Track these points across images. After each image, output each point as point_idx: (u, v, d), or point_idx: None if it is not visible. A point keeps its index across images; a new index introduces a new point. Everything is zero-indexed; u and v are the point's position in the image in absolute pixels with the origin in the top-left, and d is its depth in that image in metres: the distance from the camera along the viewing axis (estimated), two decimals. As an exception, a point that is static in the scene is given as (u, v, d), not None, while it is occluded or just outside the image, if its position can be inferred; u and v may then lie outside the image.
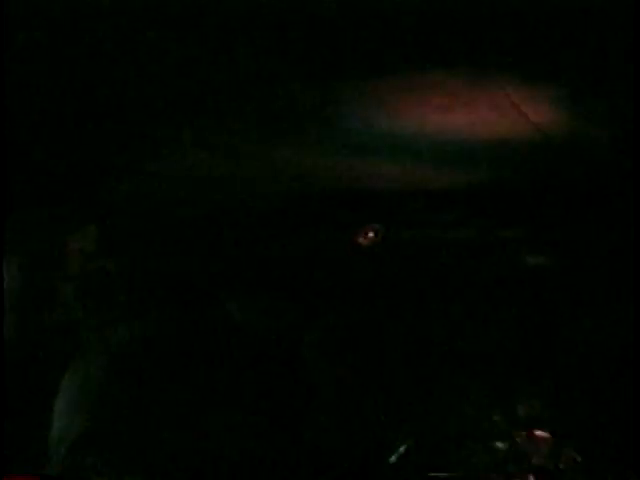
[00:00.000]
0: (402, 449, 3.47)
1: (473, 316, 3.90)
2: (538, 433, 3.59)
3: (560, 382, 3.68)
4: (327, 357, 3.52)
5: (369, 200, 3.94)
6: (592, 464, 3.48)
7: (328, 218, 4.06)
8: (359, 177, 3.82)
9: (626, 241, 3.30)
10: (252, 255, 4.19)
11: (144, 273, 4.04)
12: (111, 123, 3.29)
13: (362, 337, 3.91)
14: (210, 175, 3.90)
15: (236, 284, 3.99)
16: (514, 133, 2.92)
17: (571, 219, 3.60)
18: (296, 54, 2.68)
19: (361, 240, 3.88)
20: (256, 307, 3.66)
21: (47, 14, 2.49)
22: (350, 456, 3.28)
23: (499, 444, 3.62)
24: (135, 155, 3.72)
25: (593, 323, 3.66)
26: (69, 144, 3.53)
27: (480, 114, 2.79)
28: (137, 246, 4.16)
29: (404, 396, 3.79)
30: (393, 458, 3.48)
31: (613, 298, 3.57)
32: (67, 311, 4.31)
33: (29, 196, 4.18)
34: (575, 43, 2.35)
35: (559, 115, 2.78)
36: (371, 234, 3.93)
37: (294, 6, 2.41)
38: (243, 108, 3.14)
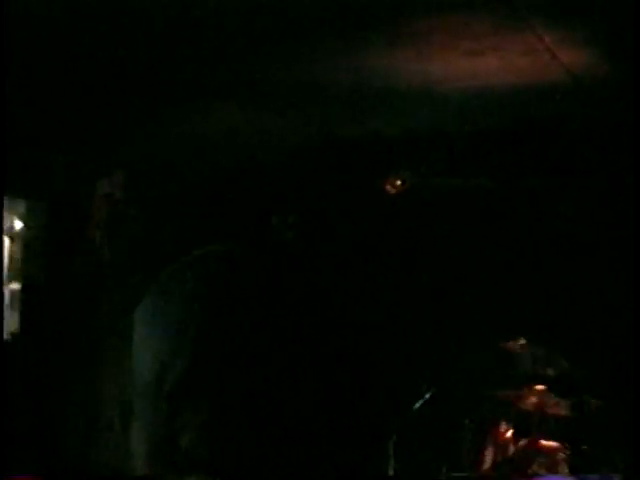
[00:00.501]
0: (427, 395, 3.48)
1: (495, 264, 3.87)
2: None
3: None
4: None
5: (396, 147, 3.90)
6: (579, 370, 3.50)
7: (356, 166, 4.03)
8: (385, 124, 3.78)
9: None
10: (279, 204, 4.18)
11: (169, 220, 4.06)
12: (141, 72, 3.28)
13: (383, 286, 3.91)
14: (236, 126, 3.88)
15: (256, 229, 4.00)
16: (545, 77, 2.85)
17: (599, 166, 3.53)
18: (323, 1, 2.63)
19: (389, 188, 3.85)
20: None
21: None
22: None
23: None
24: (164, 103, 3.71)
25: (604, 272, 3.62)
26: (100, 90, 3.53)
27: (509, 58, 2.73)
28: (164, 193, 4.17)
29: (425, 346, 3.80)
30: (419, 405, 3.50)
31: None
32: (94, 255, 4.34)
33: (57, 140, 4.19)
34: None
35: (592, 58, 2.71)
36: (399, 182, 3.89)
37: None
38: (264, 58, 3.11)
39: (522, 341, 3.65)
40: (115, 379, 4.06)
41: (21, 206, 5.05)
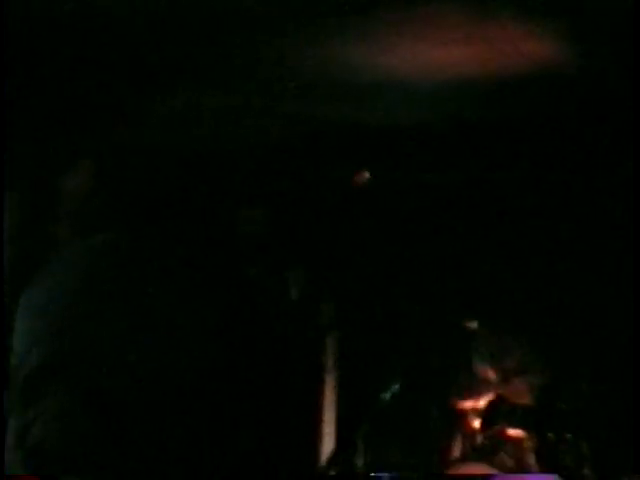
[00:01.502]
0: (396, 387, 3.51)
1: (464, 256, 3.91)
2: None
3: (548, 324, 3.70)
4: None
5: (364, 140, 3.91)
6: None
7: (324, 159, 4.04)
8: (354, 116, 3.79)
9: (626, 180, 3.28)
10: (246, 196, 4.18)
11: (142, 210, 4.03)
12: (108, 57, 3.26)
13: (358, 278, 3.92)
14: (208, 112, 3.87)
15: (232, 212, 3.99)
16: (510, 69, 2.88)
17: (567, 158, 3.58)
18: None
19: (356, 180, 3.87)
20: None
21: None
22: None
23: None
24: (132, 89, 3.68)
25: (590, 269, 3.67)
26: (67, 77, 3.49)
27: (476, 49, 2.75)
28: (134, 184, 4.15)
29: (397, 335, 3.82)
30: (387, 396, 3.52)
31: (612, 240, 3.57)
32: (64, 249, 4.30)
33: (27, 131, 4.15)
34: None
35: (557, 50, 2.74)
36: (366, 174, 3.91)
37: None
38: (244, 47, 3.11)
39: (476, 326, 3.68)
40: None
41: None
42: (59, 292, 0.88)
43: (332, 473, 3.31)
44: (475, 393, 3.67)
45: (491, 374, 3.62)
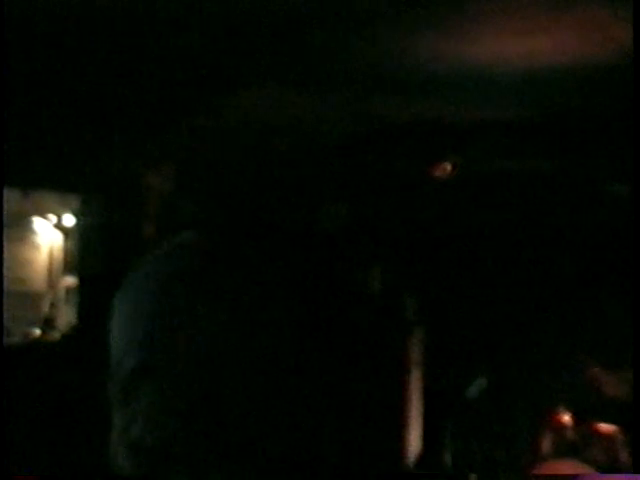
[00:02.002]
0: (483, 382, 3.46)
1: (550, 248, 3.82)
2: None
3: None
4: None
5: (446, 132, 3.86)
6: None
7: (406, 153, 4.00)
8: (435, 108, 3.75)
9: None
10: (326, 193, 4.17)
11: (224, 209, 4.08)
12: (191, 55, 3.30)
13: (433, 275, 3.88)
14: (284, 112, 3.88)
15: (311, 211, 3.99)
16: (599, 57, 2.80)
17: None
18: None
19: (437, 173, 3.82)
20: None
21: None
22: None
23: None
24: (213, 86, 3.72)
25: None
26: (147, 79, 3.55)
27: (563, 37, 2.68)
28: (216, 183, 4.19)
29: (483, 329, 3.76)
30: (474, 392, 3.47)
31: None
32: (146, 249, 4.39)
33: (108, 134, 4.24)
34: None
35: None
36: (448, 166, 3.86)
37: None
38: (313, 45, 3.11)
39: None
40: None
41: (75, 201, 5.13)
42: (149, 297, 0.90)
43: (418, 471, 3.29)
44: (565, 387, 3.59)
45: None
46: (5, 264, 6.04)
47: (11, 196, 5.18)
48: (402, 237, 3.95)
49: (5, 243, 5.78)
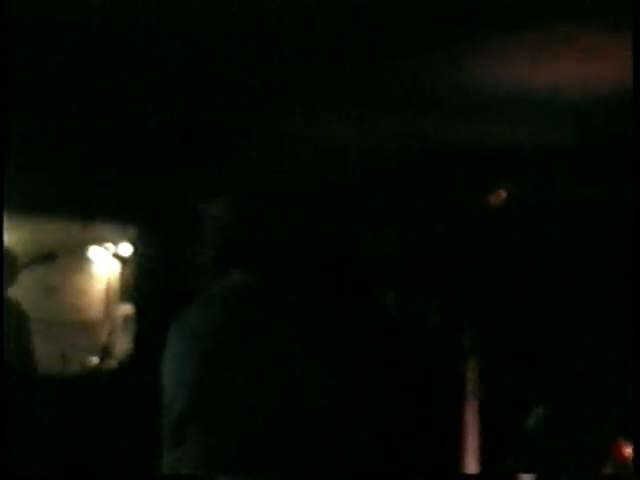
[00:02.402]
0: (541, 413, 3.40)
1: (608, 276, 3.76)
2: None
3: None
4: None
5: (500, 159, 3.85)
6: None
7: (459, 178, 3.99)
8: (492, 134, 3.74)
9: None
10: (374, 218, 4.18)
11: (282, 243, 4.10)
12: (246, 87, 3.35)
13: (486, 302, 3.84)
14: (340, 140, 3.91)
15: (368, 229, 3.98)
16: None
17: None
18: (425, 14, 2.63)
19: (492, 200, 3.80)
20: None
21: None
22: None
23: None
24: (270, 118, 3.76)
25: None
26: (205, 107, 3.61)
27: (614, 68, 2.66)
28: (274, 216, 4.22)
29: (541, 358, 3.71)
30: (531, 422, 3.42)
31: None
32: (202, 280, 4.43)
33: (166, 164, 4.31)
34: None
35: None
36: (503, 194, 3.84)
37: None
38: (370, 72, 3.13)
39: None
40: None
41: (132, 231, 5.22)
42: (200, 338, 0.91)
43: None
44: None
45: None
46: (63, 292, 6.17)
47: (70, 227, 5.30)
48: (455, 264, 3.93)
49: (64, 272, 5.90)
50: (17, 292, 3.54)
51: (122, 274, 6.01)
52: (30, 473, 3.03)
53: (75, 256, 5.71)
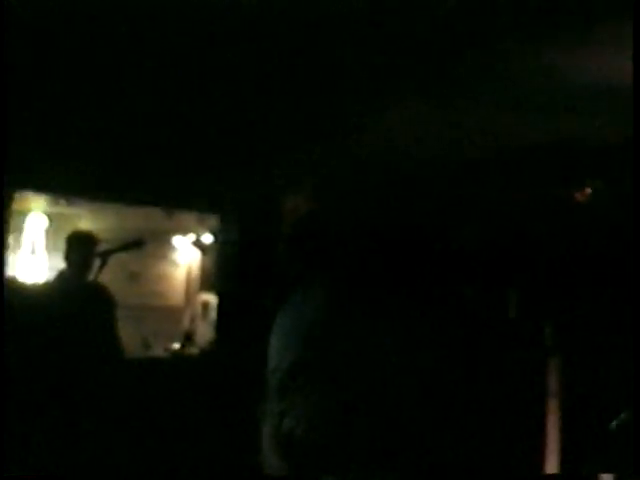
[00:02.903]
0: (625, 416, 3.33)
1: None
2: None
3: None
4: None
5: (586, 155, 3.78)
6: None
7: (543, 174, 3.94)
8: (575, 130, 3.68)
9: None
10: (463, 211, 4.15)
11: (360, 232, 4.12)
12: (333, 82, 3.37)
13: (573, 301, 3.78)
14: (422, 132, 3.89)
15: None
16: None
17: None
18: (506, 15, 2.62)
19: (578, 196, 3.74)
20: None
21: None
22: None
23: None
24: (350, 110, 3.78)
25: None
26: (285, 102, 3.64)
27: None
28: (352, 206, 4.25)
29: (625, 357, 3.63)
30: (613, 425, 3.35)
31: None
32: (283, 268, 4.49)
33: (247, 155, 4.38)
34: None
35: None
36: (588, 190, 3.78)
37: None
38: (450, 67, 3.12)
39: None
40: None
41: (213, 221, 5.32)
42: (304, 319, 0.98)
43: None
44: None
45: None
46: (146, 279, 6.32)
47: (155, 215, 5.42)
48: (540, 260, 3.88)
49: (146, 259, 6.03)
50: (104, 277, 3.63)
51: (203, 262, 6.12)
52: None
53: (158, 244, 5.83)
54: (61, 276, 3.77)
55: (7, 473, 2.73)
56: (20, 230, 5.87)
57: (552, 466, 3.21)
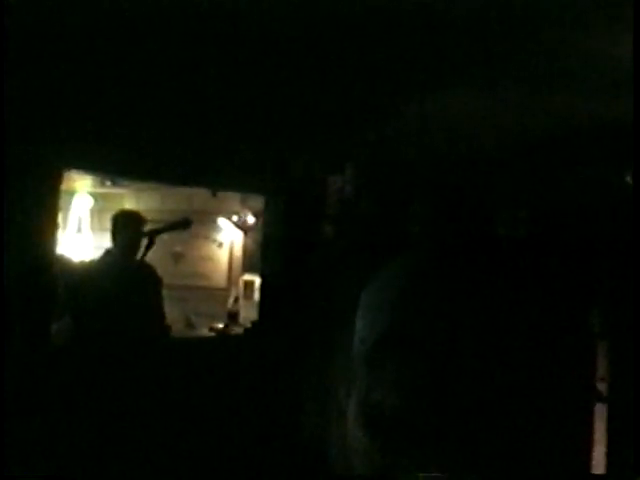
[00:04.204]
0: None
1: None
2: None
3: None
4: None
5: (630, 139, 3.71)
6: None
7: (590, 159, 3.88)
8: (622, 113, 3.61)
9: None
10: (509, 197, 4.11)
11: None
12: (374, 67, 3.35)
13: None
14: (463, 115, 3.86)
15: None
16: None
17: None
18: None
19: (630, 179, 3.68)
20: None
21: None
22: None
23: None
24: (390, 95, 3.75)
25: None
26: (330, 85, 3.63)
27: None
28: (395, 191, 4.22)
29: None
30: None
31: None
32: (327, 250, 4.50)
33: (288, 137, 4.37)
34: None
35: None
36: (628, 178, 3.71)
37: None
38: (509, 40, 3.08)
39: None
40: (343, 364, 4.19)
41: (257, 202, 5.33)
42: (389, 295, 0.98)
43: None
44: None
45: None
46: (190, 259, 6.37)
47: (199, 196, 5.45)
48: (585, 247, 3.83)
49: (190, 239, 6.08)
50: (149, 257, 3.66)
51: (245, 244, 6.15)
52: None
53: (201, 224, 5.87)
54: (108, 255, 3.81)
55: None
56: (67, 210, 5.95)
57: (599, 454, 3.17)
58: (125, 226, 3.77)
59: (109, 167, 4.23)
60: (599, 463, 3.12)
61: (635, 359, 2.65)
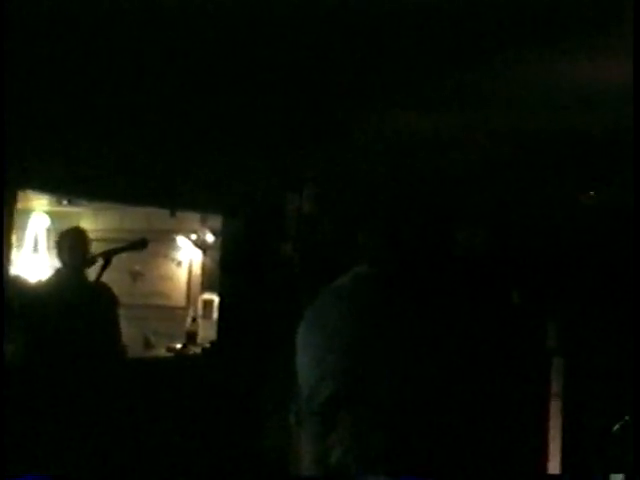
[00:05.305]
0: (626, 419, 3.33)
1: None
2: None
3: None
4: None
5: (592, 157, 3.78)
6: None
7: (548, 176, 3.94)
8: (578, 129, 3.68)
9: None
10: (464, 216, 4.15)
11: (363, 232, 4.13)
12: (327, 82, 3.37)
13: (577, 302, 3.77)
14: (418, 132, 3.89)
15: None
16: None
17: None
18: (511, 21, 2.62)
19: (583, 199, 3.74)
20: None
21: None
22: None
23: None
24: (349, 112, 3.77)
25: None
26: (286, 103, 3.65)
27: None
28: (356, 207, 4.25)
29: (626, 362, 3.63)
30: (616, 428, 3.35)
31: None
32: (286, 268, 4.50)
33: (249, 156, 4.38)
34: None
35: None
36: (592, 193, 3.77)
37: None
38: (471, 65, 3.12)
39: None
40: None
41: (216, 221, 5.32)
42: (341, 330, 0.93)
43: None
44: None
45: None
46: (148, 278, 6.33)
47: (158, 215, 5.42)
48: (542, 262, 3.88)
49: (148, 259, 6.04)
50: (106, 277, 3.62)
51: (204, 263, 6.12)
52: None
53: (160, 243, 5.83)
54: (57, 274, 3.76)
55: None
56: (23, 229, 5.87)
57: (554, 468, 3.21)
58: (68, 246, 3.71)
59: (66, 187, 4.19)
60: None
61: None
